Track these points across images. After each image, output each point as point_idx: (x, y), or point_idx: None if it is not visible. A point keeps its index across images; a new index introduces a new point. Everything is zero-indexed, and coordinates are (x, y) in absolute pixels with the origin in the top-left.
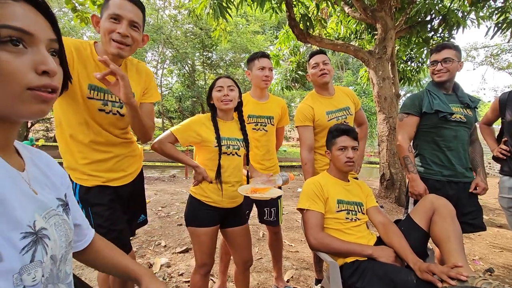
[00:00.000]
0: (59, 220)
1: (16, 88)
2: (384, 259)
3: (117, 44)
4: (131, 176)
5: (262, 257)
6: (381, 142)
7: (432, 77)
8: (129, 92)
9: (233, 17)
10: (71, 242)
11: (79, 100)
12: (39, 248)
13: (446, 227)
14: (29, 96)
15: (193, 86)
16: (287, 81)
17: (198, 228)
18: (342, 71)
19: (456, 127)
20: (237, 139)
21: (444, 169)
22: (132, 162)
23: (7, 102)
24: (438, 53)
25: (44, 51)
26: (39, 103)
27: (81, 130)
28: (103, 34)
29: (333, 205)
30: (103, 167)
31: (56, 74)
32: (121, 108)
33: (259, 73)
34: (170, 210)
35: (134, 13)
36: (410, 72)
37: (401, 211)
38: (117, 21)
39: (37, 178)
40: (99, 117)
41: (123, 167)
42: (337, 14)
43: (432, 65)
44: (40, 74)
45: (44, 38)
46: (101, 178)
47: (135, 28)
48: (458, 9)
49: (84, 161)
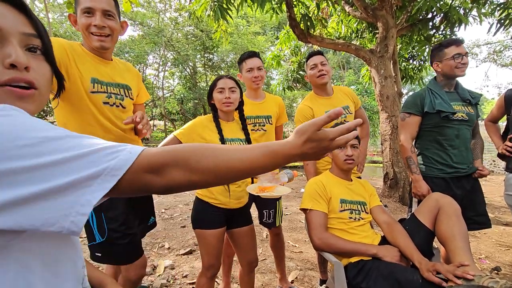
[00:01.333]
0: None
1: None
2: (389, 258)
3: (97, 37)
4: None
5: (266, 258)
6: (384, 141)
7: (451, 71)
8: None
9: (234, 19)
10: None
11: (83, 96)
12: None
13: (452, 225)
14: (6, 92)
15: (195, 88)
16: (289, 82)
17: (206, 230)
18: (344, 70)
19: (458, 125)
20: (240, 140)
21: (447, 168)
22: None
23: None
24: (460, 46)
25: (13, 45)
26: (15, 100)
27: (90, 130)
28: (82, 30)
29: (336, 204)
30: None
31: (29, 68)
32: (122, 100)
33: (248, 75)
34: (174, 212)
35: (105, 2)
36: (412, 70)
37: (405, 210)
38: (91, 14)
39: None
40: (105, 111)
41: None
42: (337, 13)
43: (457, 58)
44: (8, 67)
45: (15, 32)
46: None
47: (110, 17)
48: (460, 6)
49: None
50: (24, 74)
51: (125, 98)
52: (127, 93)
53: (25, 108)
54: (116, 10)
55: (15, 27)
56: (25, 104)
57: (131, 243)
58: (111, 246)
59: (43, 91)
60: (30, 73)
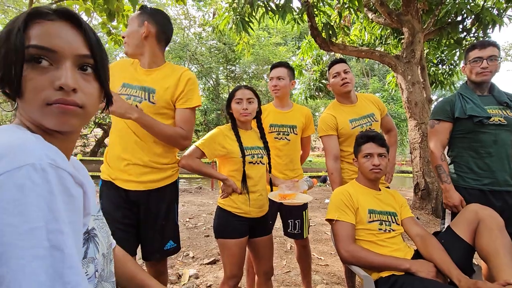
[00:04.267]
0: (100, 224)
1: (37, 103)
2: (424, 274)
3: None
4: (143, 185)
5: (290, 270)
6: (414, 149)
7: (472, 76)
8: (123, 110)
9: (255, 31)
10: (111, 244)
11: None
12: (91, 246)
13: (494, 239)
14: (49, 110)
15: (218, 99)
16: (311, 90)
17: (229, 240)
18: (368, 77)
19: (496, 130)
20: (259, 147)
21: (483, 178)
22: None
23: (35, 116)
24: (482, 49)
25: (66, 67)
26: (62, 115)
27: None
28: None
29: (364, 215)
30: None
31: (77, 89)
32: (140, 102)
33: (269, 84)
34: (198, 221)
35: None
36: (442, 75)
37: (439, 223)
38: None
39: None
40: None
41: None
42: (360, 20)
43: (475, 62)
44: (58, 89)
45: (71, 54)
46: (110, 173)
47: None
48: (493, 7)
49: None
50: (71, 95)
51: (143, 101)
52: (146, 96)
53: (68, 121)
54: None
55: (70, 49)
56: (69, 117)
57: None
58: None
59: (89, 110)
60: (77, 94)
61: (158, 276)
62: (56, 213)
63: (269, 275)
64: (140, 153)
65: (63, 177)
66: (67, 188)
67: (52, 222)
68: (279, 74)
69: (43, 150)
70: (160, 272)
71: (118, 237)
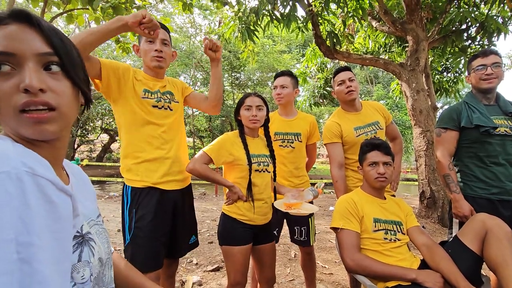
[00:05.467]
0: (99, 229)
1: (9, 112)
2: (431, 284)
3: (155, 58)
4: (180, 183)
5: (294, 278)
6: (419, 157)
7: (478, 84)
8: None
9: (260, 39)
10: (111, 250)
11: (135, 99)
12: (86, 249)
13: (503, 250)
14: (24, 119)
15: (222, 106)
16: (315, 98)
17: (234, 247)
18: (372, 85)
19: (502, 141)
20: (265, 156)
21: (491, 187)
22: (182, 170)
23: (12, 126)
24: (485, 57)
25: (29, 68)
26: (36, 124)
27: (136, 129)
28: (144, 54)
29: (370, 224)
30: (154, 166)
31: (44, 89)
32: (170, 103)
33: (273, 92)
34: (201, 227)
35: (163, 33)
36: (447, 83)
37: (445, 232)
38: (152, 42)
39: (80, 190)
40: (153, 113)
41: (174, 170)
42: (364, 29)
43: (479, 70)
44: (24, 92)
45: (31, 54)
46: (150, 179)
47: (166, 45)
48: (498, 15)
49: (137, 160)
50: (39, 96)
51: (172, 102)
52: (172, 98)
53: (47, 129)
54: (170, 41)
55: (30, 50)
56: (45, 126)
57: (152, 250)
58: (134, 248)
59: (64, 110)
60: (46, 94)
61: (168, 278)
62: (29, 225)
63: (271, 283)
64: (174, 150)
65: (41, 185)
66: (47, 195)
67: (23, 235)
68: (283, 83)
69: (20, 158)
70: (172, 273)
71: (156, 251)
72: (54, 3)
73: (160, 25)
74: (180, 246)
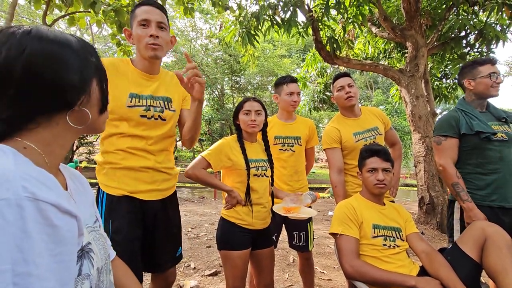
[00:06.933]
0: (96, 235)
1: (142, 44)
2: None
3: (151, 46)
4: (163, 193)
5: (292, 284)
6: (418, 163)
7: (486, 91)
8: (203, 90)
9: (261, 43)
10: (109, 255)
11: (120, 109)
12: (85, 262)
13: (503, 258)
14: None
15: (222, 109)
16: (315, 102)
17: (232, 252)
18: (371, 90)
19: (500, 147)
20: (264, 160)
21: (492, 194)
22: (167, 179)
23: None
24: (493, 65)
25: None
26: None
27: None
28: (137, 41)
29: (369, 230)
30: (134, 174)
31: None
32: (162, 112)
33: (287, 98)
34: (200, 231)
35: (159, 15)
36: (446, 89)
37: (444, 239)
38: (146, 26)
39: (77, 195)
40: (140, 124)
41: (157, 179)
42: (364, 35)
43: (491, 76)
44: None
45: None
46: (128, 186)
47: (162, 29)
48: (496, 23)
49: (116, 166)
50: (156, 39)
51: (165, 110)
52: (167, 105)
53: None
54: (167, 24)
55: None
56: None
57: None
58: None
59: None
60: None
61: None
62: (27, 253)
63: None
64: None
65: (43, 210)
66: (49, 219)
67: (21, 264)
68: (298, 90)
69: (21, 182)
70: (170, 283)
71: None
72: (56, 5)
73: (156, 4)
74: (162, 260)
